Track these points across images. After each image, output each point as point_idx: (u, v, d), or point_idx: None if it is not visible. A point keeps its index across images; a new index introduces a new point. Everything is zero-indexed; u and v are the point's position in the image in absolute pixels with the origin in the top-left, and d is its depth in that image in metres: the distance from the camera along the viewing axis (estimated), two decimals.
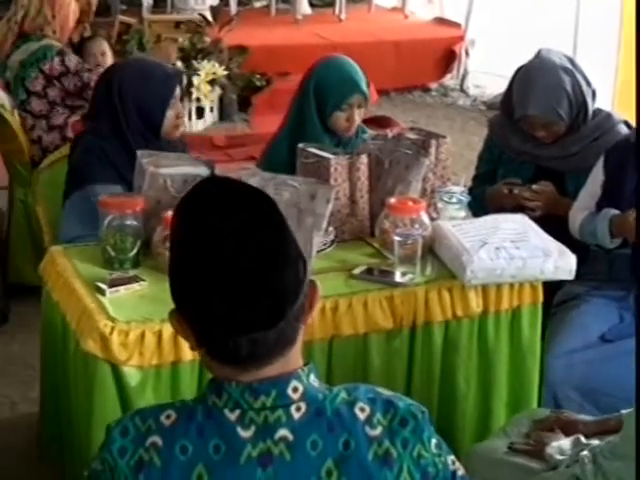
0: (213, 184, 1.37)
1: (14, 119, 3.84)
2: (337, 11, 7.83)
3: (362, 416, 1.35)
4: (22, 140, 3.83)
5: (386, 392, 1.42)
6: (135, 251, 2.36)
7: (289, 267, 1.30)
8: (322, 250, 2.44)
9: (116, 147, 2.75)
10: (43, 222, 3.08)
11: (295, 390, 1.34)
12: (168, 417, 1.36)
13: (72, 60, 3.88)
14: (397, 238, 2.41)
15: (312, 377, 1.37)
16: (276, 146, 3.04)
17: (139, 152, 2.58)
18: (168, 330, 2.09)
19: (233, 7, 7.37)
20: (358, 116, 2.96)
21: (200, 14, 6.34)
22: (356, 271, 2.41)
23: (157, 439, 1.35)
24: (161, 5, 7.29)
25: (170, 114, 2.79)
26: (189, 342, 1.36)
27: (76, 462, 2.24)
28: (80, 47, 4.27)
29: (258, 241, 1.29)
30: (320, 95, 2.95)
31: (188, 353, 2.11)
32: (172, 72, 2.92)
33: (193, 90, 5.85)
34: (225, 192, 1.34)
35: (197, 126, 6.02)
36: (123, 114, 2.77)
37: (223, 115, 6.27)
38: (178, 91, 2.84)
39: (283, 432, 1.32)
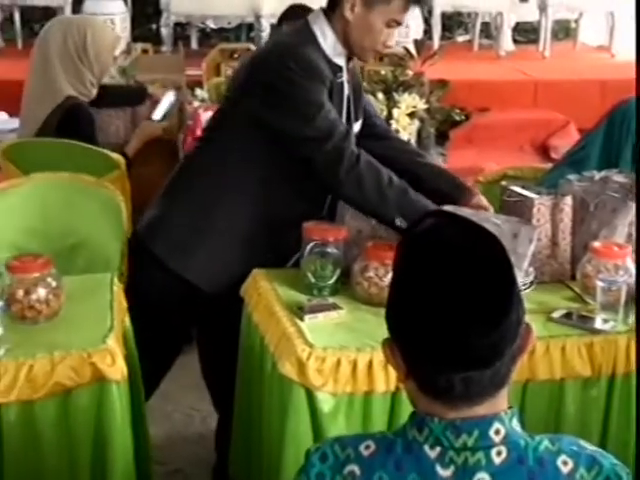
0: (440, 219, 1.37)
1: None
2: (541, 48, 7.72)
3: (565, 469, 1.31)
4: None
5: (590, 446, 1.37)
6: (334, 279, 2.39)
7: (513, 307, 1.29)
8: (521, 291, 2.39)
9: None
10: None
11: (497, 432, 1.31)
12: (367, 447, 1.37)
13: None
14: (600, 284, 2.33)
15: (514, 421, 1.34)
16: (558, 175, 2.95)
17: None
18: (363, 359, 2.11)
19: (436, 41, 7.41)
20: None
21: (404, 47, 6.41)
22: (555, 314, 2.35)
23: (355, 468, 1.36)
24: None
25: None
26: (398, 373, 1.36)
27: None
28: None
29: (486, 280, 1.28)
30: None
31: (381, 384, 2.12)
32: None
33: (392, 122, 5.90)
34: (453, 228, 1.34)
35: None
36: None
37: (420, 148, 6.28)
38: None
39: (482, 475, 1.30)
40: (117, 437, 2.09)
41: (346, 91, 2.58)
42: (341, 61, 2.54)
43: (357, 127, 2.68)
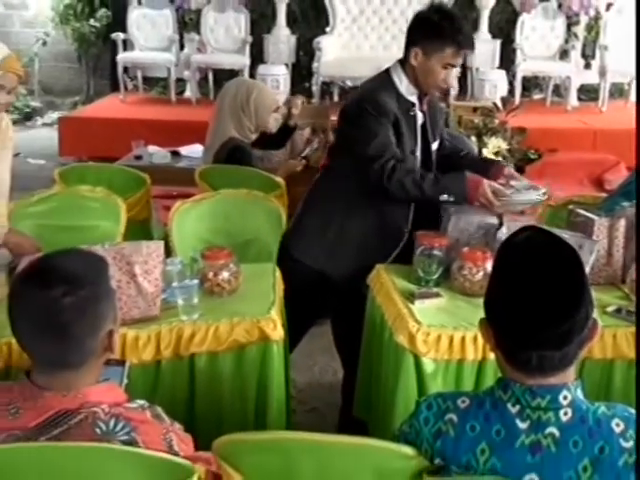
0: (532, 232, 1.35)
1: None
2: (600, 104, 7.42)
3: (617, 430, 1.26)
4: None
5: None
6: (438, 274, 2.36)
7: (583, 305, 1.25)
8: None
9: None
10: None
11: (565, 398, 1.28)
12: (463, 402, 1.35)
13: None
14: None
15: (579, 390, 1.30)
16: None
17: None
18: (458, 335, 2.09)
19: (517, 97, 7.24)
20: None
21: (493, 102, 6.28)
22: (609, 309, 2.26)
23: (453, 416, 1.34)
24: (463, 93, 7.31)
25: None
26: (489, 344, 1.34)
27: (380, 421, 2.27)
28: None
29: (564, 282, 1.24)
30: None
31: (471, 354, 2.09)
32: None
33: None
34: (541, 240, 1.31)
35: None
36: None
37: None
38: None
39: (552, 429, 1.27)
40: (276, 381, 2.13)
41: (419, 120, 2.60)
42: (414, 98, 2.57)
43: (435, 145, 2.71)
